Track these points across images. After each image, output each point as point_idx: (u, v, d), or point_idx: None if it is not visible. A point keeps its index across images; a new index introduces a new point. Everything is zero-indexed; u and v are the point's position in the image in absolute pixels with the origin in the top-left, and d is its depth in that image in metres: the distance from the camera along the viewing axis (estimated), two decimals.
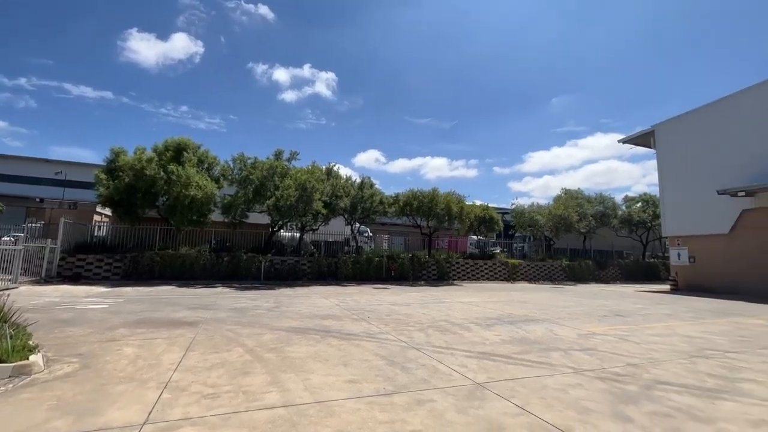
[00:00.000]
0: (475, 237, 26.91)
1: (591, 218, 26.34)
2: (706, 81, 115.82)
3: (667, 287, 19.68)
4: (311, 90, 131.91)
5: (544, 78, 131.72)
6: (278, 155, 18.86)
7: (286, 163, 18.70)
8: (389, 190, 49.72)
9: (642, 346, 5.85)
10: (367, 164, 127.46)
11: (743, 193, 16.08)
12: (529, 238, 29.16)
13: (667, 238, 20.22)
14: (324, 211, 17.70)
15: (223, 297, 11.04)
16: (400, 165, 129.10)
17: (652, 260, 29.16)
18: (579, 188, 29.41)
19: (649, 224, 28.28)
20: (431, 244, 23.53)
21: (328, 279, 18.28)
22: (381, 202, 21.03)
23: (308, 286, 15.54)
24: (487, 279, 22.33)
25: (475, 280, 21.98)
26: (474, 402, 3.42)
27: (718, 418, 3.20)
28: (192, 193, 15.46)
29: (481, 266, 22.48)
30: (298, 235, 20.44)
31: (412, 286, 17.35)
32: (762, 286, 15.61)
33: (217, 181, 18.24)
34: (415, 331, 6.70)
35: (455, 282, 20.71)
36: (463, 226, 23.01)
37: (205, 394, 3.45)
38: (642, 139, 22.53)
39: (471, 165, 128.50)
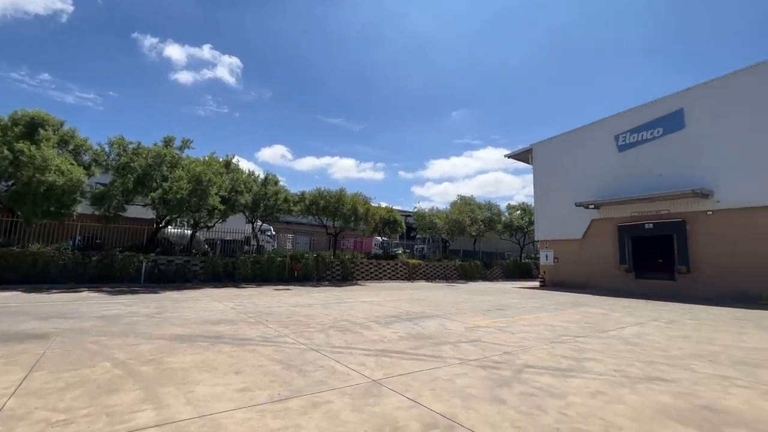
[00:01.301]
0: (379, 238, 27.76)
1: (481, 223, 29.33)
2: (584, 108, 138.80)
3: (537, 284, 23.00)
4: (211, 74, 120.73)
5: (448, 92, 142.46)
6: (168, 142, 16.82)
7: (178, 152, 16.79)
8: (295, 188, 48.17)
9: (516, 336, 6.70)
10: (272, 160, 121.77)
11: (593, 206, 19.70)
12: (429, 240, 31.23)
13: (538, 241, 23.60)
14: (221, 207, 16.35)
15: (88, 303, 9.38)
16: (308, 163, 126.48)
17: (527, 261, 33.70)
18: (472, 195, 32.55)
19: (526, 229, 32.65)
20: (337, 244, 23.52)
21: (224, 281, 16.93)
22: (286, 200, 20.29)
23: (200, 288, 14.17)
24: (390, 278, 23.20)
25: (378, 279, 22.63)
26: (370, 399, 3.49)
27: (568, 392, 3.83)
28: (50, 179, 12.79)
29: (384, 266, 23.25)
30: (189, 232, 18.50)
31: (315, 286, 17.10)
32: (603, 282, 19.27)
33: (87, 167, 15.49)
34: (316, 332, 6.60)
35: (359, 282, 21.04)
36: (369, 226, 23.53)
37: (53, 421, 2.86)
38: (522, 156, 25.95)
39: (378, 168, 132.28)
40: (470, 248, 31.66)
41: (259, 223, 21.89)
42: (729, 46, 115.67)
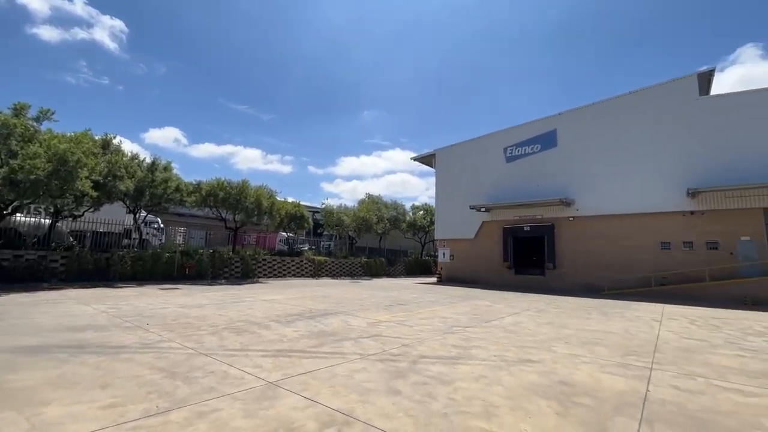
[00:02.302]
0: (285, 234, 26.78)
1: (387, 221, 30.36)
2: (484, 118, 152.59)
3: (435, 279, 24.73)
4: (86, 35, 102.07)
5: (361, 91, 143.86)
6: (19, 110, 13.68)
7: (34, 124, 13.78)
8: (190, 176, 43.68)
9: (414, 329, 7.10)
10: (163, 143, 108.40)
11: (484, 209, 21.94)
12: (336, 237, 31.21)
13: (437, 240, 25.40)
14: (94, 194, 13.91)
15: None
16: (207, 150, 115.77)
17: (427, 258, 35.96)
18: (380, 195, 33.49)
19: (427, 229, 34.83)
20: (237, 239, 21.97)
21: (95, 280, 14.52)
22: (178, 189, 18.23)
23: (61, 289, 11.89)
24: (295, 276, 22.56)
25: (282, 277, 21.82)
26: (264, 403, 3.33)
27: (456, 378, 4.19)
28: None
29: (288, 263, 22.50)
30: (47, 221, 15.36)
31: (210, 285, 15.73)
32: (490, 277, 21.60)
33: None
34: (208, 335, 6.06)
35: (261, 280, 20.01)
36: (273, 222, 22.53)
37: None
38: (427, 159, 27.60)
39: (286, 161, 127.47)
40: (376, 246, 32.56)
41: (144, 213, 19.26)
42: (595, 77, 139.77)
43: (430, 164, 27.70)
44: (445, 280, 23.67)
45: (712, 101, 16.83)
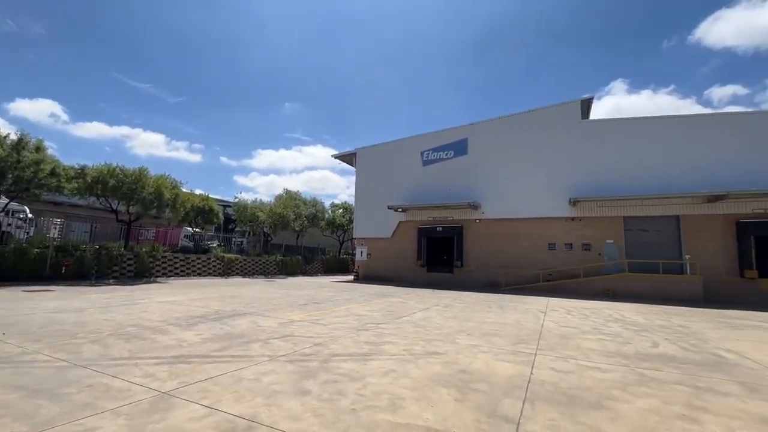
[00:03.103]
0: (190, 229, 24.49)
1: (305, 218, 29.68)
2: (404, 120, 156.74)
3: (352, 277, 24.93)
4: None
5: (284, 83, 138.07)
6: None
7: None
8: (71, 159, 37.64)
9: (328, 327, 7.06)
10: (35, 117, 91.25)
11: (401, 209, 22.76)
12: (249, 234, 29.53)
13: (355, 239, 25.63)
14: None
15: None
16: (96, 130, 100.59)
17: (345, 256, 36.06)
18: (298, 191, 32.60)
19: (346, 227, 34.93)
20: (131, 234, 19.42)
21: None
22: (54, 174, 15.44)
23: None
24: (201, 275, 20.78)
25: (186, 276, 19.92)
26: (155, 415, 3.01)
27: (367, 374, 4.27)
28: None
29: (194, 261, 20.64)
30: None
31: (94, 286, 13.67)
32: (405, 275, 22.49)
33: None
34: (87, 343, 5.26)
35: (159, 279, 18.02)
36: (177, 215, 20.45)
37: None
38: (348, 158, 27.65)
39: (195, 149, 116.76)
40: (293, 243, 31.63)
41: (4, 200, 15.93)
42: (506, 90, 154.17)
43: (351, 163, 27.80)
44: (362, 278, 23.98)
45: (590, 124, 19.84)
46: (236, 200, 27.69)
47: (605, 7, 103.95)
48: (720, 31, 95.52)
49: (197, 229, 24.83)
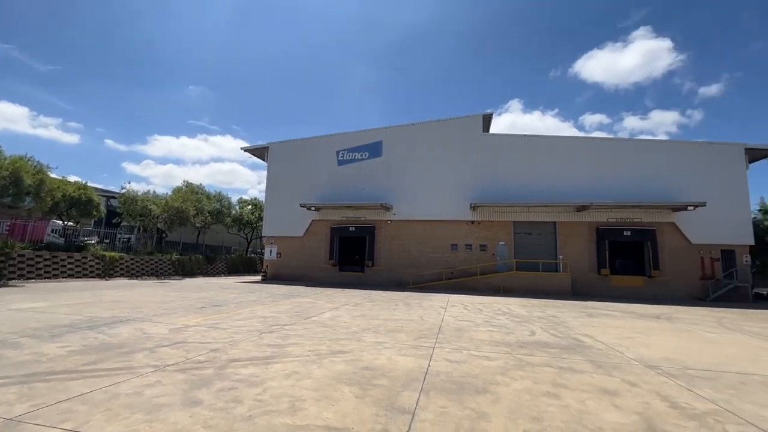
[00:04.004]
0: (60, 222, 20.71)
1: (208, 214, 27.35)
2: (319, 117, 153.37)
3: (260, 278, 23.73)
4: None
5: (189, 62, 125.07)
6: None
7: None
8: None
9: (228, 331, 6.61)
10: None
11: (314, 208, 22.41)
12: (139, 229, 26.11)
13: (265, 237, 24.46)
14: None
15: None
16: None
17: (252, 255, 34.18)
18: (201, 184, 29.90)
19: (255, 225, 33.14)
20: None
21: None
22: None
23: None
24: (74, 277, 17.71)
25: (53, 278, 16.80)
26: None
27: (267, 378, 4.12)
28: None
29: (65, 260, 17.52)
30: None
31: None
32: (316, 275, 22.18)
33: None
34: None
35: (14, 282, 14.89)
36: (42, 205, 17.14)
37: None
38: (259, 152, 26.25)
39: (71, 128, 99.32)
40: (192, 241, 28.90)
41: None
42: (421, 97, 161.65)
43: (262, 157, 26.44)
44: (270, 278, 22.98)
45: (490, 137, 22.00)
46: (124, 191, 24.22)
47: (510, 32, 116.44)
48: (592, 68, 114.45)
49: (70, 223, 21.09)
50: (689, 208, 18.09)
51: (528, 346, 6.30)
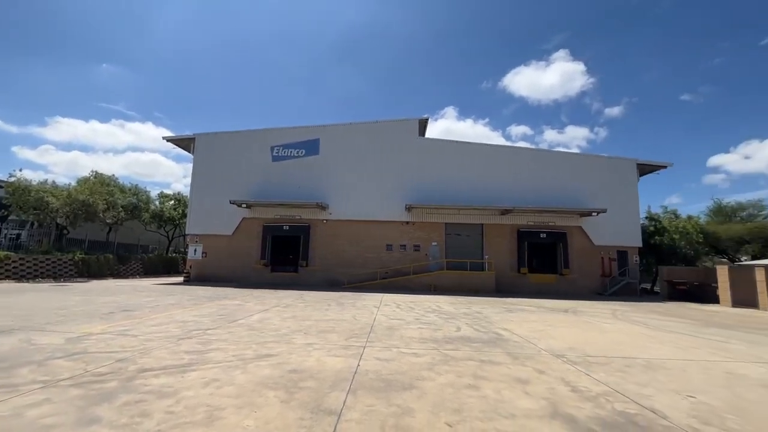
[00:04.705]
0: None
1: (122, 209, 24.60)
2: (251, 111, 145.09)
3: (181, 279, 21.91)
4: None
5: (102, 34, 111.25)
6: None
7: None
8: None
9: (139, 339, 5.99)
10: None
11: (245, 205, 21.30)
12: (33, 224, 22.58)
13: (189, 235, 22.65)
14: None
15: None
16: None
17: (174, 255, 31.46)
18: (114, 174, 26.80)
19: (178, 222, 30.56)
20: None
21: None
22: None
23: None
24: None
25: None
26: None
27: (182, 388, 3.80)
28: None
29: None
30: None
31: None
32: (246, 275, 21.09)
33: None
34: None
35: None
36: None
37: None
38: (185, 143, 24.24)
39: None
40: (102, 239, 25.75)
41: None
42: (363, 97, 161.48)
43: (188, 149, 24.45)
44: (194, 279, 21.34)
45: (425, 141, 22.79)
46: (12, 179, 20.75)
47: (448, 42, 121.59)
48: (518, 83, 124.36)
49: None
50: (593, 214, 20.48)
51: (454, 342, 6.62)
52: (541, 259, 22.09)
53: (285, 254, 22.57)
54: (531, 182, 21.77)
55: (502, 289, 20.28)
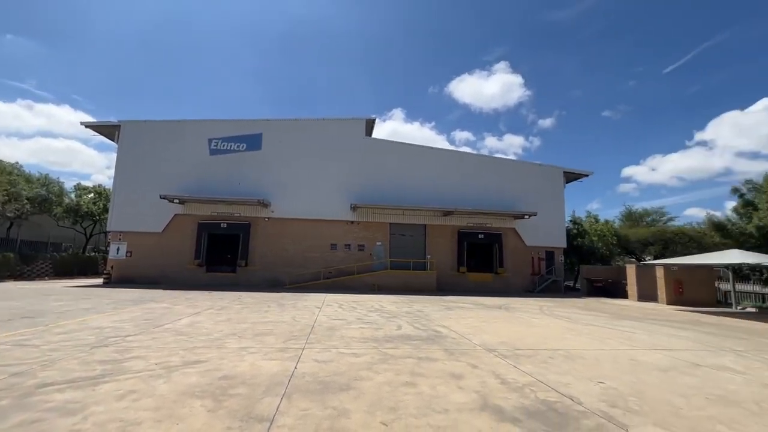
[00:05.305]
0: None
1: (27, 201, 21.63)
2: (190, 98, 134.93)
3: (101, 281, 19.79)
4: None
5: (12, 1, 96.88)
6: None
7: None
8: None
9: (42, 349, 5.28)
10: None
11: (178, 200, 19.79)
12: None
13: (111, 232, 20.51)
14: None
15: None
16: None
17: (93, 254, 28.31)
18: (18, 162, 23.47)
19: (98, 217, 27.59)
20: None
21: None
22: None
23: None
24: None
25: None
26: None
27: (92, 403, 3.40)
28: None
29: None
30: None
31: None
32: (178, 276, 19.58)
33: None
34: None
35: None
36: None
37: None
38: (108, 130, 21.93)
39: None
40: (2, 235, 22.39)
41: None
42: (306, 92, 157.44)
43: (112, 137, 22.15)
44: (117, 281, 19.37)
45: (372, 141, 22.88)
46: None
47: (398, 45, 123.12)
48: (463, 90, 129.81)
49: None
50: (526, 216, 21.99)
51: (394, 340, 6.70)
52: (479, 258, 23.23)
53: (222, 254, 21.33)
54: (471, 186, 22.82)
55: (443, 287, 21.00)
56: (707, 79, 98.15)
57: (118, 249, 20.01)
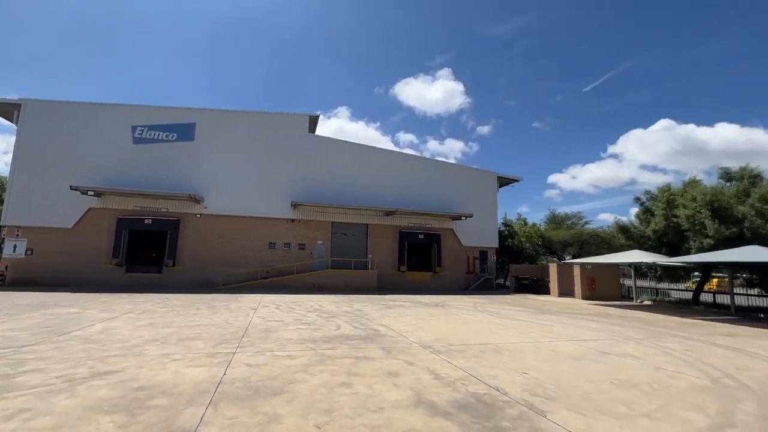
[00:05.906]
0: None
1: None
2: (112, 81, 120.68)
3: None
4: None
5: None
6: None
7: None
8: None
9: None
10: None
11: (93, 193, 17.69)
12: None
13: (6, 227, 17.73)
14: None
15: None
16: None
17: None
18: None
19: None
20: None
21: None
22: None
23: None
24: None
25: None
26: None
27: None
28: None
29: None
30: None
31: None
32: (92, 277, 17.53)
33: None
34: None
35: None
36: None
37: None
38: (5, 109, 18.95)
39: None
40: None
41: None
42: (249, 85, 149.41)
43: (9, 117, 19.19)
44: (13, 282, 16.79)
45: (315, 139, 22.42)
46: None
47: (345, 43, 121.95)
48: (407, 93, 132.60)
49: None
50: (463, 218, 23.06)
51: (332, 341, 6.61)
52: (418, 258, 23.87)
53: (147, 252, 19.46)
54: (413, 187, 23.37)
55: (383, 286, 21.23)
56: (618, 98, 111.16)
57: (15, 246, 17.37)
